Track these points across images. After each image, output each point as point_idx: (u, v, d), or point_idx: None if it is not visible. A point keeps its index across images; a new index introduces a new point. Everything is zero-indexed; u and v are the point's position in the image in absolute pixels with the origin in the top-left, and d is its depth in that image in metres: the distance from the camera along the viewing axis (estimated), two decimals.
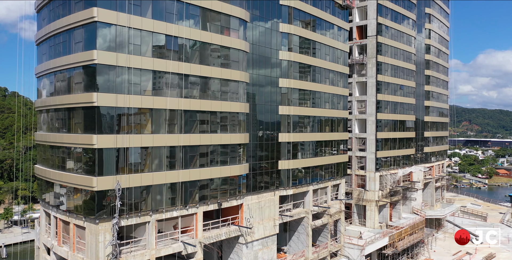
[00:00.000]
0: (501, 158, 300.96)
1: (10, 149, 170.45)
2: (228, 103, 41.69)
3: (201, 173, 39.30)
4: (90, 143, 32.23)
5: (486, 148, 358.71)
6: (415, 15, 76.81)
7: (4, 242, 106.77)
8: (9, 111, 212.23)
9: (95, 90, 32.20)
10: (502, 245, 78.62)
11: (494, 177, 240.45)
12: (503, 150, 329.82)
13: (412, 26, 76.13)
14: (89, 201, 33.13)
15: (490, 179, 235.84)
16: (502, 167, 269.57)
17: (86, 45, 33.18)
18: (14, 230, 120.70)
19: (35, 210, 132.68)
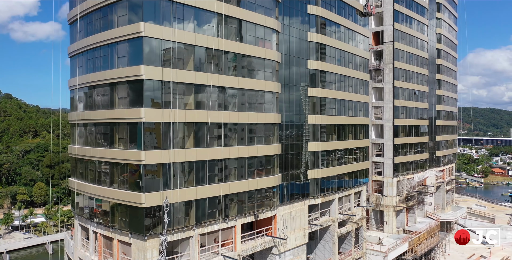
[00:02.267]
0: (495, 156, 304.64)
1: (7, 153, 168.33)
2: (263, 114, 41.62)
3: (240, 185, 39.18)
4: (138, 159, 31.92)
5: (479, 147, 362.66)
6: (427, 20, 77.40)
7: (7, 248, 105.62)
8: (4, 114, 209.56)
9: (142, 105, 31.91)
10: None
11: (489, 175, 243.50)
12: (496, 149, 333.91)
13: (425, 31, 76.68)
14: (136, 217, 32.81)
15: (485, 178, 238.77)
16: (497, 165, 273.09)
17: (132, 60, 32.86)
18: (16, 235, 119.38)
19: (36, 214, 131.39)
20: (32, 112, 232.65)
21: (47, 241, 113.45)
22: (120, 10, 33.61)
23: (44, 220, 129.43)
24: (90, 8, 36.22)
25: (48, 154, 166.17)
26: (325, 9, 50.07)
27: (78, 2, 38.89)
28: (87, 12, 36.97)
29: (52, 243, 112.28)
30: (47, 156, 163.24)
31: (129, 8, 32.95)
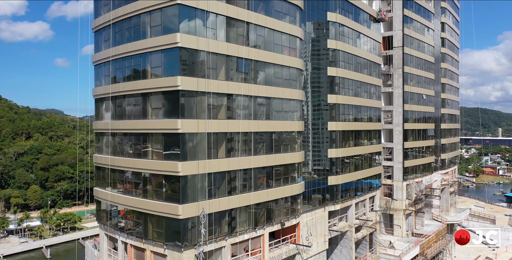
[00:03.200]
0: (485, 156, 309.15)
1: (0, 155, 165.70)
2: (289, 122, 41.70)
3: (268, 194, 39.20)
4: (175, 170, 31.74)
5: (469, 146, 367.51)
6: (433, 25, 78.21)
7: (3, 253, 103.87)
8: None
9: (178, 116, 31.73)
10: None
11: (480, 175, 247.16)
12: (486, 148, 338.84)
13: (431, 35, 77.49)
14: (172, 228, 32.64)
15: (477, 178, 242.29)
16: (487, 165, 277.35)
17: (168, 70, 32.68)
18: (11, 239, 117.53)
19: (32, 218, 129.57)
20: (23, 114, 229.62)
21: (44, 245, 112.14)
22: (154, 20, 33.37)
23: (40, 224, 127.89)
24: (120, 17, 35.90)
25: (42, 156, 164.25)
26: (343, 16, 50.33)
27: (105, 10, 38.55)
28: (116, 21, 36.66)
29: (49, 247, 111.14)
30: (41, 158, 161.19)
31: (163, 18, 32.73)
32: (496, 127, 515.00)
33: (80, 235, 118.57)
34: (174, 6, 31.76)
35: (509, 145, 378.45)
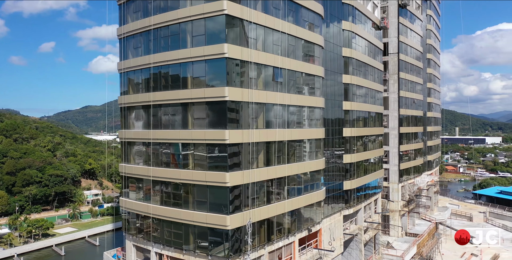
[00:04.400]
0: (445, 154, 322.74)
1: None
2: (315, 130, 42.40)
3: (299, 201, 39.73)
4: (223, 181, 31.66)
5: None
6: (422, 31, 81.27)
7: None
8: None
9: (225, 127, 31.67)
10: (500, 245, 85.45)
11: (443, 173, 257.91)
12: (445, 147, 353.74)
13: (420, 42, 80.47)
14: (219, 239, 32.52)
15: (440, 175, 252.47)
16: (449, 163, 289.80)
17: (212, 80, 32.52)
18: None
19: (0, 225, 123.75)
20: None
21: (15, 254, 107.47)
22: (196, 29, 33.07)
23: (9, 231, 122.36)
24: (156, 25, 35.26)
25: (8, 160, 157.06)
26: (355, 25, 51.54)
27: (134, 18, 37.76)
28: (149, 28, 35.96)
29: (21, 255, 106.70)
30: (7, 162, 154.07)
31: (208, 28, 32.51)
32: (452, 126, 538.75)
33: (53, 242, 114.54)
34: (221, 16, 31.65)
35: (466, 143, 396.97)
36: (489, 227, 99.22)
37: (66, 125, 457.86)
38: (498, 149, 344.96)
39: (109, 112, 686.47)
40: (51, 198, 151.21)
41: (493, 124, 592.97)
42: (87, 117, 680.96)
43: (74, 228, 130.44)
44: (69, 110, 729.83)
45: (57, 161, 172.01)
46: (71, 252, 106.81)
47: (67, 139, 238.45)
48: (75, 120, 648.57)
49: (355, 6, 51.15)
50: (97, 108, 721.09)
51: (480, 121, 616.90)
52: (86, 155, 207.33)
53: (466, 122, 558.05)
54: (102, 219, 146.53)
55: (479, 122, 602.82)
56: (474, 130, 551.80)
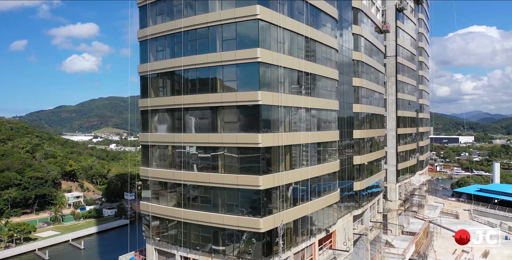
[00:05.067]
0: None
1: None
2: (333, 132, 43.18)
3: (320, 202, 40.37)
4: (256, 184, 31.93)
5: None
6: (416, 34, 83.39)
7: None
8: None
9: (258, 131, 31.96)
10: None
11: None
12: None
13: (413, 45, 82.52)
14: (250, 242, 32.76)
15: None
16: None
17: (244, 84, 32.69)
18: None
19: None
20: None
21: None
22: (227, 32, 33.19)
23: None
24: (182, 28, 35.18)
25: None
26: (364, 29, 52.58)
27: (156, 21, 37.55)
28: (174, 32, 35.87)
29: None
30: None
31: (240, 32, 32.69)
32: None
33: (36, 246, 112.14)
34: (254, 21, 31.90)
35: (440, 142, 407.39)
36: (475, 224, 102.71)
37: (39, 125, 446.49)
38: (472, 148, 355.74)
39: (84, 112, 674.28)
40: (31, 201, 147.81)
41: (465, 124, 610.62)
42: (61, 117, 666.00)
43: (57, 232, 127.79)
44: (42, 110, 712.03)
45: (37, 163, 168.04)
46: (55, 256, 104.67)
47: (44, 140, 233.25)
48: (48, 121, 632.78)
49: (364, 11, 52.18)
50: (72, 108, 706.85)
51: (452, 121, 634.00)
52: (66, 156, 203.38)
53: (439, 122, 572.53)
54: (85, 222, 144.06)
55: (452, 122, 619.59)
56: (447, 129, 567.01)
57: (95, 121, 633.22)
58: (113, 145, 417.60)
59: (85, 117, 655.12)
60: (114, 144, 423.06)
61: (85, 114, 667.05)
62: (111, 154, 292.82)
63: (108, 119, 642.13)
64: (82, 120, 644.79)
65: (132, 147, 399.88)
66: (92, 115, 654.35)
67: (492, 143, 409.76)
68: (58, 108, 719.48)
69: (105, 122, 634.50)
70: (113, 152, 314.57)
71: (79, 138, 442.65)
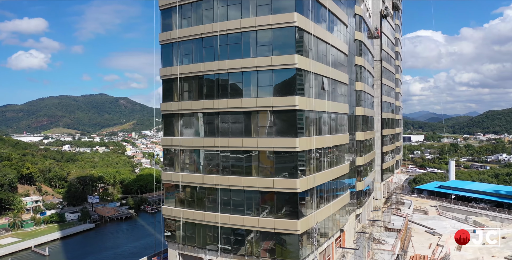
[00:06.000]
0: None
1: None
2: (345, 135, 44.75)
3: (338, 203, 41.88)
4: (293, 187, 32.75)
5: None
6: (393, 40, 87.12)
7: None
8: None
9: (296, 135, 32.80)
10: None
11: None
12: None
13: (392, 49, 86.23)
14: (286, 244, 33.53)
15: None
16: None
17: (280, 90, 33.34)
18: None
19: None
20: None
21: None
22: (261, 38, 33.77)
23: None
24: (212, 32, 35.32)
25: None
26: (363, 34, 54.64)
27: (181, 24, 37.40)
28: (203, 36, 35.97)
29: None
30: None
31: (275, 38, 33.34)
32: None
33: None
34: (291, 28, 32.69)
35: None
36: (443, 219, 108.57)
37: None
38: (424, 146, 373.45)
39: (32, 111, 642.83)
40: None
41: (414, 124, 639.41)
42: (6, 117, 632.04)
43: (17, 238, 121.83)
44: None
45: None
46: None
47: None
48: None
49: (364, 18, 54.22)
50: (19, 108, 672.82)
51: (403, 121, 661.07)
52: (21, 158, 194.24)
53: None
54: (47, 227, 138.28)
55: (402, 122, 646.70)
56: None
57: (44, 121, 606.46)
58: (66, 146, 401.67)
59: (33, 117, 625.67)
60: (67, 145, 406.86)
61: (33, 114, 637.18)
62: (67, 155, 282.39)
63: (59, 119, 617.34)
64: (30, 120, 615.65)
65: (88, 148, 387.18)
66: (41, 115, 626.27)
67: (440, 141, 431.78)
68: (3, 107, 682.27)
69: (56, 122, 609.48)
70: (68, 153, 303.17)
71: (28, 139, 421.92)
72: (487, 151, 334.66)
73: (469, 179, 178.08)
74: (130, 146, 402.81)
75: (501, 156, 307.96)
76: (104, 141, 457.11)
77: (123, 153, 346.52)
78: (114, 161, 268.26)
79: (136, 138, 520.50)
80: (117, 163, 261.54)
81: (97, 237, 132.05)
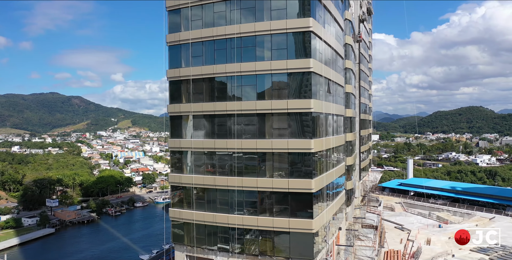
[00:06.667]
0: None
1: None
2: (343, 136, 46.31)
3: (338, 202, 43.26)
4: (308, 187, 33.70)
5: None
6: (368, 44, 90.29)
7: None
8: None
9: (311, 137, 33.76)
10: (426, 230, 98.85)
11: None
12: None
13: (367, 52, 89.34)
14: (301, 243, 34.39)
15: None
16: None
17: (295, 93, 34.17)
18: None
19: None
20: None
21: None
22: (276, 42, 34.48)
23: None
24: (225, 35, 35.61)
25: None
26: (351, 38, 56.56)
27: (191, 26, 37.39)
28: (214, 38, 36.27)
29: None
30: None
31: (291, 42, 34.15)
32: None
33: None
34: (306, 33, 33.64)
35: None
36: (410, 215, 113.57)
37: None
38: (379, 145, 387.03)
39: None
40: None
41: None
42: None
43: None
44: None
45: None
46: None
47: None
48: None
49: (352, 22, 56.13)
50: None
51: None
52: None
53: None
54: (3, 233, 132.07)
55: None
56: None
57: None
58: (16, 147, 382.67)
59: None
60: (17, 146, 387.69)
61: None
62: (18, 157, 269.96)
63: (6, 119, 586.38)
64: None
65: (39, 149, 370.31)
66: None
67: (394, 140, 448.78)
68: None
69: (2, 122, 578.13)
70: (19, 155, 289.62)
71: None
72: (437, 150, 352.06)
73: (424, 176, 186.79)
74: (86, 147, 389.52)
75: (451, 154, 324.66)
76: (56, 141, 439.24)
77: (79, 154, 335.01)
78: (70, 163, 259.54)
79: (91, 138, 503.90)
80: (74, 165, 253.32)
81: (59, 242, 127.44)
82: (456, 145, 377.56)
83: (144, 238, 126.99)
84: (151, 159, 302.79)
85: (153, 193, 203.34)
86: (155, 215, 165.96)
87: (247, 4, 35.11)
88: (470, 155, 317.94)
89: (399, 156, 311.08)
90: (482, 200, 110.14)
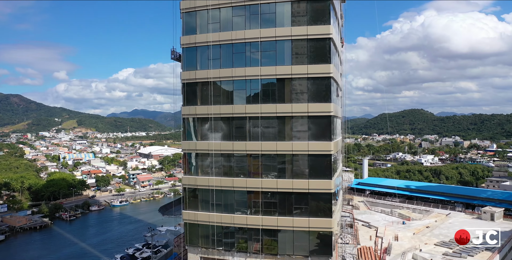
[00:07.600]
0: None
1: None
2: (341, 138, 48.09)
3: (339, 202, 44.91)
4: (328, 188, 35.07)
5: None
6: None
7: None
8: None
9: (330, 139, 35.13)
10: (391, 227, 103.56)
11: None
12: None
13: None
14: (320, 242, 35.65)
15: None
16: None
17: (314, 97, 35.34)
18: None
19: None
20: None
21: None
22: (297, 47, 35.46)
23: None
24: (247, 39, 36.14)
25: None
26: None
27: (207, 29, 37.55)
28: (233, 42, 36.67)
29: None
30: None
31: (310, 48, 35.29)
32: None
33: None
34: (326, 39, 34.99)
35: None
36: (374, 213, 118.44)
37: None
38: None
39: None
40: None
41: None
42: None
43: None
44: None
45: None
46: None
47: None
48: None
49: (342, 26, 58.29)
50: None
51: None
52: None
53: None
54: None
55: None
56: None
57: None
58: None
59: None
60: None
61: None
62: None
63: None
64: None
65: None
66: None
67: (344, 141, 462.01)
68: None
69: None
70: None
71: None
72: (385, 150, 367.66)
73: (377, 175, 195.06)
74: (29, 148, 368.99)
75: (398, 154, 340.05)
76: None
77: (22, 156, 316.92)
78: (14, 165, 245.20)
79: (33, 139, 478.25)
80: (18, 167, 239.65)
81: (9, 250, 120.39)
82: (401, 146, 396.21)
83: (104, 242, 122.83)
84: (102, 160, 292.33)
85: (108, 196, 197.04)
86: (112, 218, 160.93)
87: (266, 9, 35.86)
88: (415, 155, 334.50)
89: (351, 156, 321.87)
90: (434, 197, 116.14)
